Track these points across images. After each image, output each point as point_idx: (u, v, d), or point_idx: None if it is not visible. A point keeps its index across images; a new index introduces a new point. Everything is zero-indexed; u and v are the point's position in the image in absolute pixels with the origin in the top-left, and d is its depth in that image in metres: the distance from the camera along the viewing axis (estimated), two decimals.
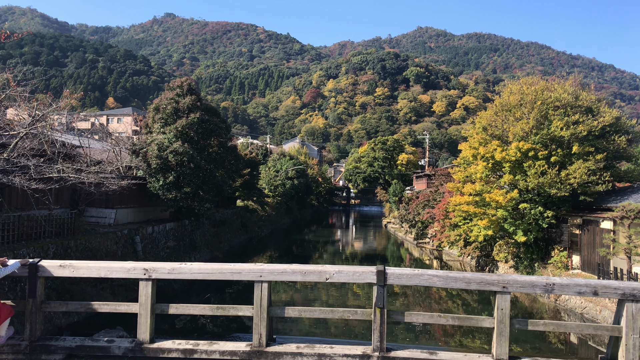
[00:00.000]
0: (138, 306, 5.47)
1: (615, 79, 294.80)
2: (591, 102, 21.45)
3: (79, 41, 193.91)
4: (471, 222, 23.11)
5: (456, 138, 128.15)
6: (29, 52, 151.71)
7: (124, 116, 74.38)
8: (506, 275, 5.42)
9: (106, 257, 17.39)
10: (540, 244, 21.70)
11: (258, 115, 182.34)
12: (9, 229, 14.31)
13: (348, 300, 18.86)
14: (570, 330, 14.39)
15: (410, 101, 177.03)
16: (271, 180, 52.82)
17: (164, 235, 23.34)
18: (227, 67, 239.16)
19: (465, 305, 19.21)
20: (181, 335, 5.63)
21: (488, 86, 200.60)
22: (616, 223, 17.13)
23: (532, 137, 20.89)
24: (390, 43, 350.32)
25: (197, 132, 24.37)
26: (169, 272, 5.50)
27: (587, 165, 19.32)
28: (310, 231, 52.02)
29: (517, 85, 23.74)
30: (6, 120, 16.11)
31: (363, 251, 37.02)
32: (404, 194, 50.38)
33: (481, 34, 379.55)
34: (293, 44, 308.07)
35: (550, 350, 13.43)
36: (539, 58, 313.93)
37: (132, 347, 5.41)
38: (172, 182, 22.70)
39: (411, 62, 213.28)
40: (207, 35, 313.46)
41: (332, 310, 5.88)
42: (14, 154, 14.65)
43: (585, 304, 16.42)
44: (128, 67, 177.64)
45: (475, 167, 22.55)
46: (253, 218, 40.18)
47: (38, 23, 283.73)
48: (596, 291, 5.28)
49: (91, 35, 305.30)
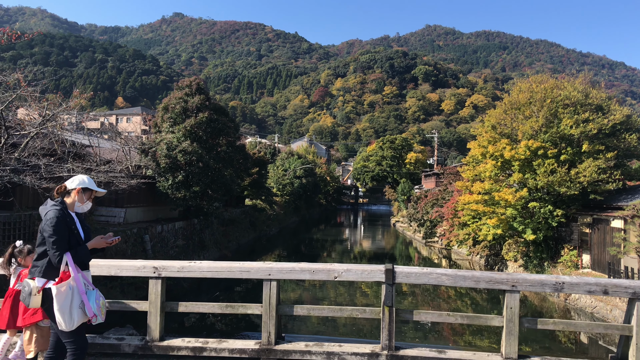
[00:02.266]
0: (148, 304, 5.51)
1: (626, 77, 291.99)
2: (601, 100, 21.28)
3: (89, 41, 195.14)
4: (480, 221, 23.02)
5: (465, 137, 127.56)
6: (39, 53, 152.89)
7: (133, 116, 74.78)
8: (515, 273, 5.40)
9: (115, 255, 17.50)
10: (550, 242, 21.57)
11: (266, 115, 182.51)
12: (20, 228, 14.45)
13: (356, 299, 18.85)
14: (580, 330, 14.29)
15: (418, 100, 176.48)
16: (279, 179, 52.85)
17: (173, 234, 23.45)
18: (235, 66, 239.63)
19: (474, 305, 19.15)
20: (191, 333, 5.65)
21: (497, 84, 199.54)
22: (627, 222, 16.99)
23: (542, 135, 20.76)
24: (398, 41, 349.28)
25: (205, 131, 24.44)
26: (179, 271, 5.53)
27: (597, 163, 19.17)
28: (319, 230, 52.02)
29: (526, 83, 23.59)
30: (17, 120, 16.26)
31: (371, 250, 36.98)
32: (413, 193, 50.27)
33: (490, 31, 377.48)
34: (301, 43, 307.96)
35: (560, 349, 13.35)
36: (548, 56, 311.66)
37: (142, 345, 5.45)
38: (181, 181, 22.80)
39: (419, 61, 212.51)
40: (215, 35, 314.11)
41: (340, 308, 5.88)
42: (25, 154, 14.79)
43: (595, 303, 16.31)
44: (137, 67, 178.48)
45: (484, 166, 22.44)
46: (261, 217, 40.25)
47: (48, 23, 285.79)
48: (606, 290, 5.24)
49: (100, 35, 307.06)
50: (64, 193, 4.29)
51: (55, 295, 3.97)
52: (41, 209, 4.25)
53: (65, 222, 4.08)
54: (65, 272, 4.05)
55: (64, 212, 4.15)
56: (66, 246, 4.05)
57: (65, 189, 4.29)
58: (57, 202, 4.19)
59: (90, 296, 4.17)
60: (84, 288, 4.15)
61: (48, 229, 4.00)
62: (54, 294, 3.97)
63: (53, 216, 4.02)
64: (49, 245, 4.01)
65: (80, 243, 4.22)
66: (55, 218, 4.01)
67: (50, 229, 3.98)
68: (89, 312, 4.10)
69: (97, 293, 4.29)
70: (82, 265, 4.24)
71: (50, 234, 3.98)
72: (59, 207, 4.13)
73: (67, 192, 4.30)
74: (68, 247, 4.07)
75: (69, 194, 4.29)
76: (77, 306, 4.06)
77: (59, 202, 4.19)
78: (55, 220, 4.00)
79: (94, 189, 4.46)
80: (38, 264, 4.14)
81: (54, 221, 4.00)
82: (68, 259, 4.04)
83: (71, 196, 4.29)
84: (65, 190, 4.29)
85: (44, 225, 4.04)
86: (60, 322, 4.00)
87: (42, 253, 4.12)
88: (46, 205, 4.21)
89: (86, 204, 4.39)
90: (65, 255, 4.03)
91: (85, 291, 4.15)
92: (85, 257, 4.24)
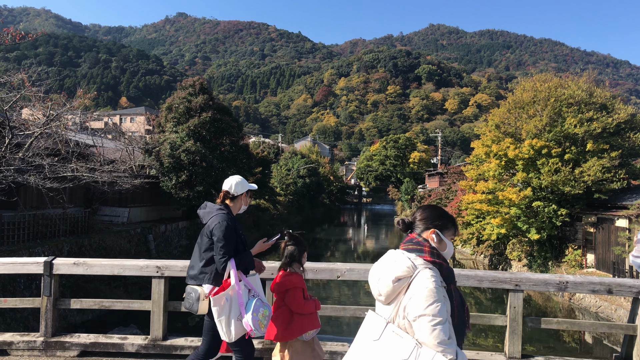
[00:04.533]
0: (151, 304, 5.51)
1: (631, 76, 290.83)
2: (606, 98, 21.20)
3: (93, 41, 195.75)
4: (484, 221, 22.96)
5: (469, 136, 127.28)
6: (44, 53, 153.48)
7: (136, 115, 74.95)
8: (519, 273, 5.38)
9: (119, 255, 17.56)
10: (554, 242, 21.50)
11: (270, 114, 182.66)
12: (24, 227, 14.50)
13: (360, 299, 18.85)
14: (584, 329, 14.24)
15: (422, 99, 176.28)
16: (283, 179, 52.87)
17: (177, 233, 23.49)
18: (238, 66, 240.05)
19: (478, 304, 19.11)
20: (194, 333, 5.68)
21: (501, 83, 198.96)
22: (632, 221, 16.92)
23: (546, 134, 20.70)
24: (402, 41, 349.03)
25: (209, 131, 24.48)
26: (182, 270, 5.53)
27: (601, 162, 19.10)
28: (322, 230, 52.02)
29: (530, 82, 23.51)
30: (21, 120, 16.31)
31: (375, 249, 36.94)
32: (416, 192, 50.23)
33: (494, 30, 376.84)
34: (304, 43, 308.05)
35: (564, 349, 13.32)
36: (552, 55, 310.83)
37: (145, 344, 5.45)
38: (184, 181, 22.84)
39: (423, 60, 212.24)
40: (218, 35, 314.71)
41: (344, 308, 5.87)
42: (29, 154, 14.84)
43: (600, 303, 16.25)
44: (141, 67, 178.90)
45: (488, 165, 22.39)
46: (265, 217, 40.28)
47: (52, 24, 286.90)
48: (610, 289, 5.22)
49: (104, 35, 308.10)
50: (227, 197, 4.19)
51: (212, 306, 3.86)
52: (202, 213, 4.15)
53: (234, 228, 3.99)
54: (226, 281, 3.91)
55: (231, 216, 4.06)
56: (232, 252, 3.94)
57: (228, 194, 4.17)
58: (222, 206, 4.10)
59: (249, 307, 3.89)
60: (245, 298, 3.93)
61: (218, 233, 3.88)
62: (212, 304, 3.87)
63: (222, 220, 3.93)
64: (217, 250, 3.90)
65: (246, 249, 4.12)
66: (225, 222, 3.92)
67: (220, 233, 3.88)
68: (246, 325, 3.86)
69: (259, 302, 3.97)
70: (245, 272, 4.09)
71: (220, 238, 3.87)
72: (225, 211, 4.05)
73: (232, 197, 4.19)
74: (234, 253, 3.96)
75: (234, 198, 4.19)
76: (235, 318, 3.87)
77: (224, 206, 4.10)
78: (225, 225, 3.90)
79: (254, 188, 4.35)
80: (207, 270, 4.03)
81: (223, 225, 3.90)
82: (231, 266, 3.91)
83: (237, 200, 4.21)
84: (229, 195, 4.17)
85: (213, 230, 3.93)
86: (220, 333, 3.90)
87: (210, 259, 4.01)
88: (206, 209, 4.14)
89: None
90: (229, 262, 3.90)
91: (245, 302, 3.90)
92: (250, 263, 4.09)
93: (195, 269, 4.09)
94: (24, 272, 5.72)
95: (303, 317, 4.22)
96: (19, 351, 5.45)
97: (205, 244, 4.02)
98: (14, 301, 7.00)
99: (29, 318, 11.82)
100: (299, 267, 4.37)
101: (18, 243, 14.06)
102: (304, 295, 4.28)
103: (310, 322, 4.26)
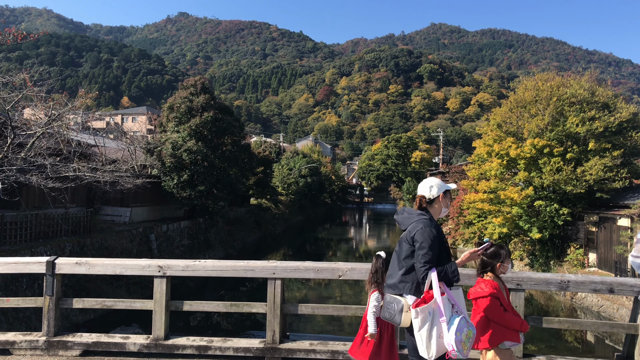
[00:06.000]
0: (153, 303, 5.52)
1: (633, 74, 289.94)
2: (608, 97, 21.17)
3: (94, 41, 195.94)
4: (486, 220, 22.94)
5: (470, 135, 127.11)
6: (45, 53, 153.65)
7: (138, 115, 74.95)
8: (520, 272, 5.38)
9: (122, 255, 17.58)
10: (556, 241, 21.48)
11: (271, 114, 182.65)
12: (26, 227, 14.52)
13: (362, 298, 18.84)
14: (586, 328, 14.24)
15: (423, 98, 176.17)
16: (284, 179, 52.87)
17: (179, 233, 23.51)
18: (240, 65, 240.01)
19: None
20: (195, 332, 5.67)
21: (503, 83, 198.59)
22: (634, 220, 16.89)
23: (548, 133, 20.68)
24: (403, 40, 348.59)
25: (210, 130, 24.50)
26: (183, 270, 5.54)
27: (603, 161, 19.07)
28: (324, 229, 52.02)
29: (532, 81, 23.49)
30: (23, 120, 16.35)
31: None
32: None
33: (495, 29, 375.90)
34: (306, 42, 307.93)
35: (566, 348, 13.31)
36: (554, 54, 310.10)
37: (147, 344, 5.46)
38: (186, 181, 22.86)
39: (425, 59, 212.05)
40: (220, 34, 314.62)
41: (345, 307, 5.87)
42: (31, 153, 14.87)
43: (601, 302, 16.23)
44: (142, 67, 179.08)
45: (490, 164, 22.37)
46: (267, 216, 40.30)
47: (54, 24, 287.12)
48: (612, 289, 5.21)
49: (106, 35, 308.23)
50: (424, 202, 3.94)
51: (413, 318, 3.59)
52: (401, 218, 3.95)
53: (439, 235, 3.74)
54: (428, 292, 3.60)
55: (434, 222, 3.82)
56: (435, 261, 3.64)
57: (424, 198, 3.93)
58: (423, 211, 3.88)
59: (452, 324, 3.55)
60: (448, 313, 3.59)
61: (420, 239, 3.64)
62: (413, 316, 3.59)
63: (425, 226, 3.69)
64: (418, 258, 3.63)
65: (450, 258, 3.82)
66: (428, 228, 3.67)
67: (422, 240, 3.63)
68: (448, 345, 3.50)
69: (463, 321, 3.60)
70: (448, 284, 3.74)
71: (423, 245, 3.61)
72: (427, 216, 3.81)
73: (429, 201, 3.93)
74: (437, 263, 3.66)
75: (431, 202, 3.93)
76: (437, 335, 3.56)
77: (425, 211, 3.88)
78: (428, 231, 3.65)
79: (452, 188, 4.09)
80: (407, 279, 3.78)
81: (426, 231, 3.65)
82: (433, 277, 3.59)
83: (436, 203, 3.95)
84: (426, 199, 3.93)
85: (415, 235, 3.68)
86: (419, 347, 3.61)
87: (411, 267, 3.77)
88: (404, 214, 3.96)
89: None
90: (431, 272, 3.60)
91: (447, 318, 3.57)
92: (454, 275, 3.68)
93: (395, 278, 3.87)
94: (27, 271, 5.74)
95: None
96: (22, 350, 5.46)
97: (405, 250, 3.81)
98: (17, 301, 7.01)
99: (32, 317, 11.85)
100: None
101: (20, 243, 14.09)
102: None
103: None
